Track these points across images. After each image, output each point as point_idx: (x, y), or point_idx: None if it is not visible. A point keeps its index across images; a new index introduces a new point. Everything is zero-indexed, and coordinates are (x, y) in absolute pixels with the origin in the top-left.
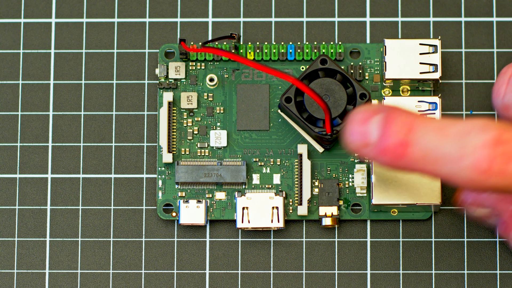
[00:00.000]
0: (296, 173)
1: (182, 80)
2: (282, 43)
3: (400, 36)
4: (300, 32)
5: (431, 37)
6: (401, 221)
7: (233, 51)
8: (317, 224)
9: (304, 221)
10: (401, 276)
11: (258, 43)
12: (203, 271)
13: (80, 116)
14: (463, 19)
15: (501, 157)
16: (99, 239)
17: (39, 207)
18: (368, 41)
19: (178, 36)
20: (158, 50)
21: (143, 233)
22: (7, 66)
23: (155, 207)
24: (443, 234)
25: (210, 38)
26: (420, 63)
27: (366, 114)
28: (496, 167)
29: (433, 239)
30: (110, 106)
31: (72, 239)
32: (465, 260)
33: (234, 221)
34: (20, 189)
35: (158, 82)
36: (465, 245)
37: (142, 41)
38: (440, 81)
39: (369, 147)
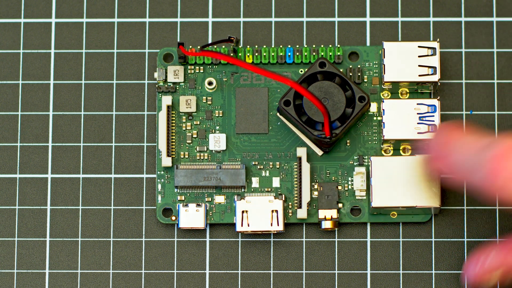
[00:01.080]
0: (295, 176)
1: (181, 83)
2: (281, 46)
3: (400, 36)
4: (300, 32)
5: (431, 37)
6: (401, 224)
7: (231, 54)
8: (317, 227)
9: (304, 224)
10: (401, 276)
11: (256, 46)
12: (203, 271)
13: (80, 116)
14: (463, 19)
15: None
16: (99, 239)
17: (39, 207)
18: (368, 40)
19: (178, 37)
20: (158, 50)
21: (143, 233)
22: (7, 66)
23: (155, 207)
24: (443, 234)
25: (210, 38)
26: (419, 65)
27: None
28: None
29: (433, 239)
30: (110, 106)
31: (72, 239)
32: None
33: (234, 224)
34: (20, 189)
35: (156, 86)
36: (465, 245)
37: (142, 41)
38: (439, 83)
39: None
